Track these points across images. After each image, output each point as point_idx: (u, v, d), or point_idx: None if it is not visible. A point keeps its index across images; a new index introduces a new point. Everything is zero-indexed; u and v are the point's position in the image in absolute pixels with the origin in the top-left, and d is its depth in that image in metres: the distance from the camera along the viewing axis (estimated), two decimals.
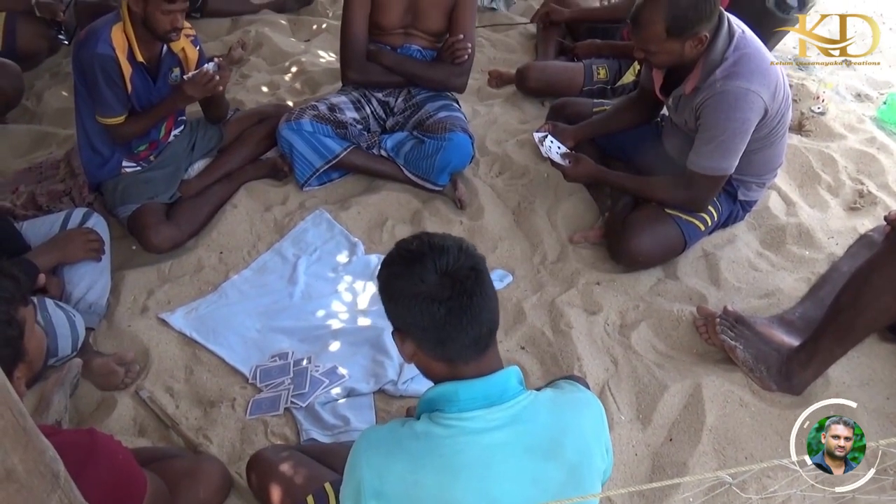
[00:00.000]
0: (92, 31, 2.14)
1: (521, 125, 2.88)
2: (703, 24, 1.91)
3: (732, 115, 1.96)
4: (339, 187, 2.57)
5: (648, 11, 1.92)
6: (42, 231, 2.06)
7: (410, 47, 2.60)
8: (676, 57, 1.99)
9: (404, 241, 1.15)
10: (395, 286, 1.12)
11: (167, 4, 2.06)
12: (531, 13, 3.68)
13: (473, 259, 1.11)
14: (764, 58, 2.00)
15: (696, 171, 2.07)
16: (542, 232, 2.39)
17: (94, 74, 2.12)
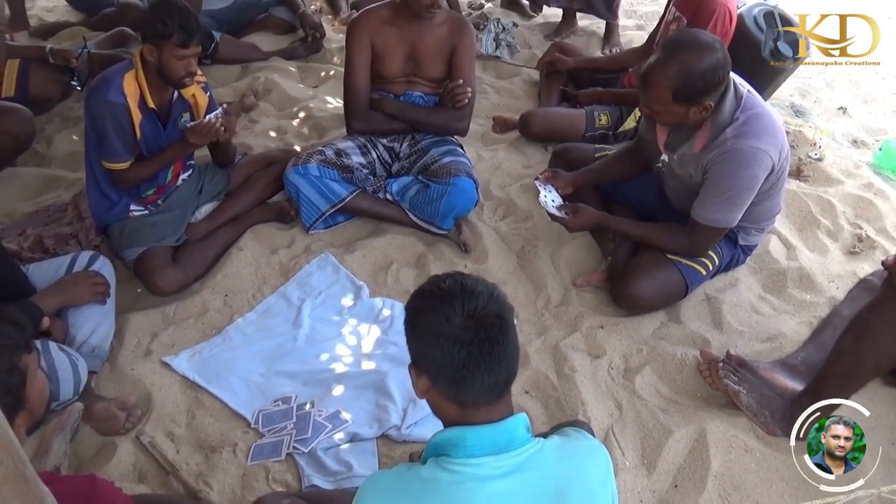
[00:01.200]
0: (104, 79, 2.19)
1: (524, 170, 2.93)
2: (710, 95, 1.93)
3: (742, 172, 1.98)
4: (345, 231, 2.60)
5: (657, 74, 1.93)
6: (48, 274, 2.07)
7: (413, 94, 2.66)
8: (680, 119, 2.00)
9: (438, 278, 1.16)
10: (421, 320, 1.12)
11: (181, 50, 2.11)
12: (534, 60, 3.75)
13: (502, 307, 1.12)
14: (771, 116, 2.04)
15: (700, 221, 2.10)
16: (546, 275, 2.41)
17: (103, 121, 2.16)
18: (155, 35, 2.10)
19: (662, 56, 1.94)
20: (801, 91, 3.76)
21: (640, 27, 4.32)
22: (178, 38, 2.09)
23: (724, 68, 1.92)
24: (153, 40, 2.12)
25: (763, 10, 3.08)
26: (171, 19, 2.08)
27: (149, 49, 2.14)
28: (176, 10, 2.10)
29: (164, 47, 2.11)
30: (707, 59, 1.89)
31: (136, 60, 2.20)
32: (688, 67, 1.89)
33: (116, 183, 2.30)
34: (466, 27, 2.63)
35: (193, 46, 2.14)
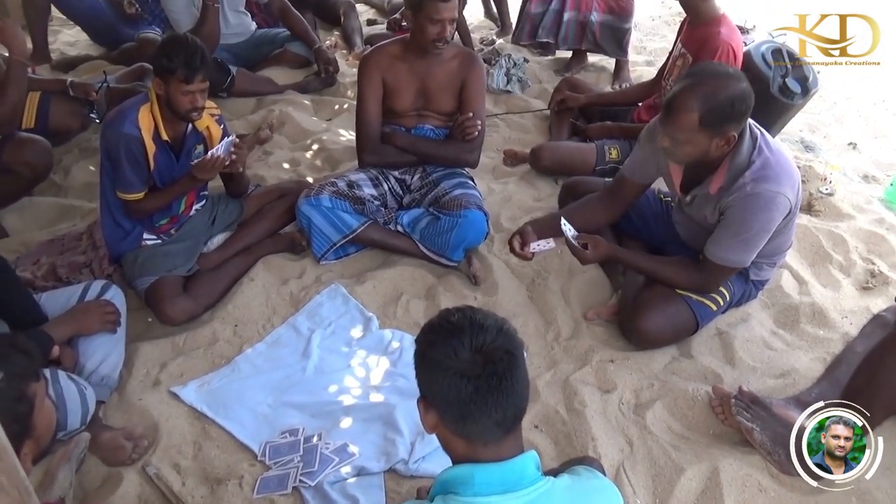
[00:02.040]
0: (120, 112, 2.25)
1: (535, 203, 2.94)
2: (734, 124, 1.92)
3: (760, 215, 1.98)
4: (356, 262, 2.61)
5: (685, 98, 1.90)
6: (60, 302, 2.09)
7: (424, 127, 2.70)
8: (701, 152, 1.97)
9: (447, 312, 1.16)
10: (429, 354, 1.12)
11: (185, 86, 2.16)
12: (545, 95, 3.80)
13: (512, 342, 1.11)
14: (787, 158, 2.04)
15: (713, 260, 2.09)
16: (556, 308, 2.40)
17: (117, 152, 2.21)
18: (161, 69, 2.17)
19: (690, 82, 1.93)
20: (811, 126, 3.77)
21: (650, 63, 4.36)
22: (181, 73, 2.14)
23: (750, 99, 1.92)
24: (160, 74, 2.18)
25: (771, 47, 3.11)
26: (177, 56, 2.13)
27: (157, 83, 2.20)
28: (183, 47, 2.15)
29: (170, 82, 2.16)
30: (734, 87, 1.90)
31: (151, 94, 2.25)
32: (716, 93, 1.88)
33: (130, 213, 2.33)
34: (476, 62, 2.67)
35: (198, 82, 2.18)
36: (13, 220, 2.81)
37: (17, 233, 2.76)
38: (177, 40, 2.20)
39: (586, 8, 3.89)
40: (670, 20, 5.15)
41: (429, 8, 2.40)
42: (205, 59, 2.19)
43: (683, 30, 3.00)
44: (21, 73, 2.58)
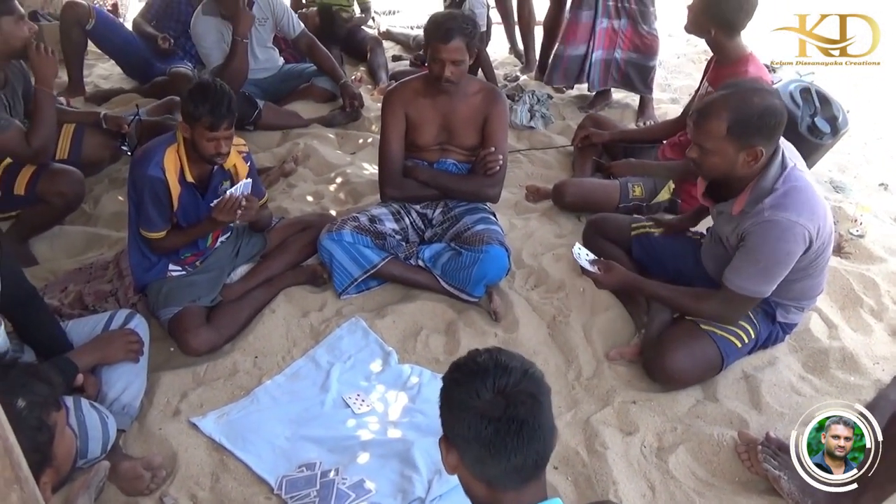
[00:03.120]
0: (147, 152, 2.28)
1: (557, 239, 2.92)
2: (762, 138, 1.92)
3: (777, 244, 1.96)
4: (377, 296, 2.61)
5: (715, 105, 1.94)
6: (85, 330, 2.11)
7: (446, 162, 2.71)
8: (727, 165, 1.97)
9: (475, 352, 1.16)
10: (452, 393, 1.12)
11: (209, 133, 2.19)
12: (568, 131, 3.81)
13: (537, 387, 1.10)
14: (813, 192, 2.01)
15: (731, 288, 2.06)
16: (578, 347, 2.37)
17: (142, 192, 2.25)
18: (187, 115, 2.20)
19: (722, 92, 1.97)
20: (840, 166, 3.72)
21: (675, 101, 4.37)
22: (206, 121, 2.17)
23: (781, 116, 1.93)
24: (186, 119, 2.22)
25: (799, 86, 3.09)
26: (203, 103, 2.16)
27: (183, 126, 2.24)
28: (210, 94, 2.17)
29: (195, 127, 2.20)
30: (766, 100, 1.92)
31: (178, 134, 2.29)
32: (746, 103, 1.90)
33: (152, 250, 2.37)
34: (499, 97, 2.69)
35: (222, 130, 2.20)
36: (43, 248, 2.86)
37: (46, 261, 2.81)
38: (204, 87, 2.21)
39: (611, 46, 3.91)
40: (696, 58, 5.16)
41: (431, 47, 2.48)
42: (231, 107, 2.21)
43: (710, 69, 3.01)
44: (47, 104, 2.63)
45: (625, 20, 3.83)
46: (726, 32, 2.77)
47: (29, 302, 2.01)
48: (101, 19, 4.05)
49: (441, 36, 2.44)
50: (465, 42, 2.46)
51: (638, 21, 3.81)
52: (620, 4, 3.77)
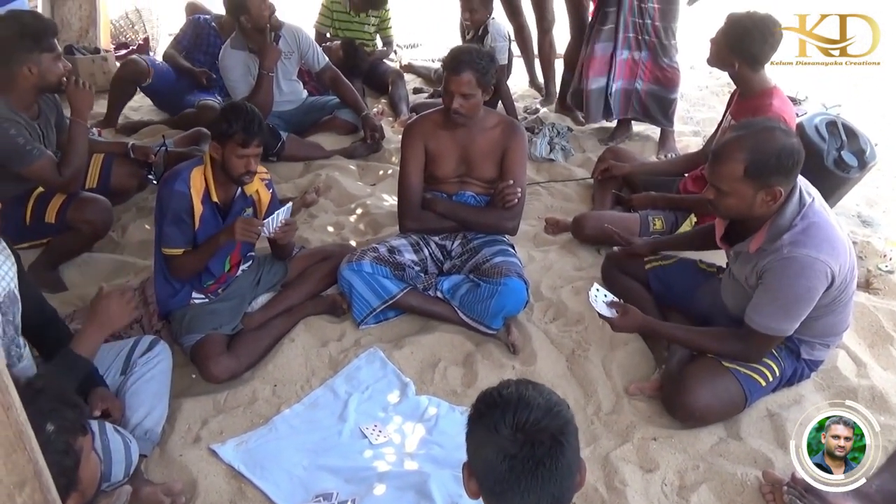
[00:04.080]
0: (175, 171, 2.38)
1: (576, 272, 2.92)
2: (780, 178, 1.91)
3: (798, 281, 1.93)
4: (395, 326, 2.62)
5: (732, 147, 1.93)
6: (110, 356, 2.14)
7: (465, 194, 2.74)
8: (745, 206, 1.96)
9: (505, 383, 1.16)
10: (475, 422, 1.12)
11: (241, 149, 2.27)
12: (588, 164, 3.82)
13: (561, 427, 1.08)
14: (833, 228, 1.99)
15: (753, 326, 2.03)
16: (597, 381, 2.35)
17: (166, 207, 2.32)
18: (219, 133, 2.28)
19: (738, 133, 1.96)
20: (869, 200, 3.67)
21: (696, 133, 4.36)
22: (239, 137, 2.25)
23: (798, 155, 1.91)
24: (217, 137, 2.30)
25: (825, 120, 3.08)
26: (236, 120, 2.25)
27: (214, 146, 2.31)
28: (242, 113, 2.27)
29: (227, 145, 2.27)
30: (782, 140, 1.90)
31: (205, 157, 2.37)
32: (763, 144, 1.89)
33: (172, 271, 2.40)
34: (518, 130, 2.71)
35: (253, 147, 2.29)
36: (72, 275, 2.92)
37: (75, 287, 2.86)
38: (237, 107, 2.32)
39: (632, 76, 3.92)
40: (718, 90, 5.16)
41: (444, 79, 2.55)
42: (262, 126, 2.31)
43: (733, 101, 3.01)
44: (81, 135, 2.73)
45: (645, 52, 3.84)
46: (750, 66, 2.78)
47: (50, 325, 2.05)
48: (156, 75, 4.21)
49: (453, 68, 2.49)
50: (477, 77, 2.49)
51: (658, 54, 3.83)
52: (641, 37, 3.79)
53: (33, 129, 2.64)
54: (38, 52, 2.52)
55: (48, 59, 2.56)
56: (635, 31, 3.78)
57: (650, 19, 3.72)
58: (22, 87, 2.56)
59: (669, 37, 3.81)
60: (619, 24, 3.76)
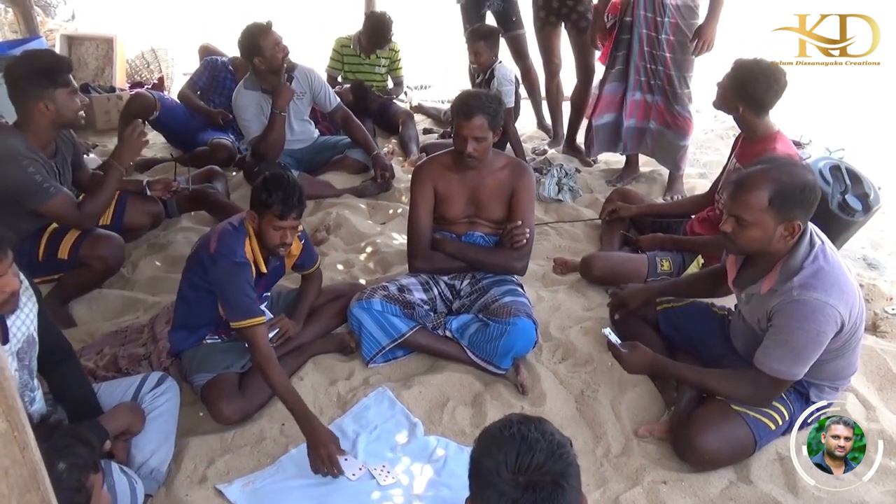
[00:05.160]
0: (228, 245, 2.28)
1: (585, 312, 2.92)
2: (801, 213, 1.93)
3: (807, 325, 1.94)
4: (404, 365, 2.62)
5: (757, 177, 1.94)
6: (117, 392, 2.15)
7: (474, 234, 2.76)
8: (765, 238, 1.96)
9: (509, 420, 1.15)
10: (478, 461, 1.11)
11: (278, 221, 2.25)
12: (596, 205, 3.86)
13: (563, 471, 1.07)
14: (843, 272, 2.00)
15: (763, 370, 2.03)
16: (606, 423, 2.34)
17: (235, 280, 2.24)
18: (258, 203, 2.26)
19: (763, 165, 1.98)
20: (874, 243, 3.69)
21: (703, 175, 4.40)
22: (277, 209, 2.23)
23: (818, 192, 1.94)
24: (256, 207, 2.28)
25: (829, 164, 3.11)
26: (276, 192, 2.22)
27: (251, 215, 2.30)
28: (283, 185, 2.23)
29: (265, 216, 2.26)
30: (805, 175, 1.94)
31: (247, 227, 2.34)
32: (788, 176, 1.92)
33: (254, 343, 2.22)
34: (526, 171, 2.75)
35: (291, 219, 2.27)
36: (82, 311, 2.94)
37: (84, 323, 2.88)
38: (276, 178, 2.26)
39: (645, 116, 3.95)
40: (723, 134, 5.23)
41: (455, 124, 2.58)
42: (302, 199, 2.28)
43: (738, 145, 3.05)
44: (114, 179, 2.81)
45: (658, 96, 3.86)
46: (755, 111, 2.82)
47: (64, 361, 2.06)
48: (164, 108, 4.30)
49: (464, 113, 2.53)
50: (488, 120, 2.54)
51: (669, 100, 3.85)
52: (653, 82, 3.82)
53: (50, 167, 2.68)
54: (52, 88, 2.56)
55: (63, 95, 2.59)
56: (646, 76, 3.82)
57: (662, 66, 3.75)
58: (39, 123, 2.60)
59: (682, 86, 3.80)
60: (630, 68, 3.81)
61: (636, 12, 3.68)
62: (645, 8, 3.65)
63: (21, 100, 2.59)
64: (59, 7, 7.11)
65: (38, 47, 4.66)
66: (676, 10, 3.61)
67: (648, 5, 3.64)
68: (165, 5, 9.68)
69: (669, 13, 3.61)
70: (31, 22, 5.38)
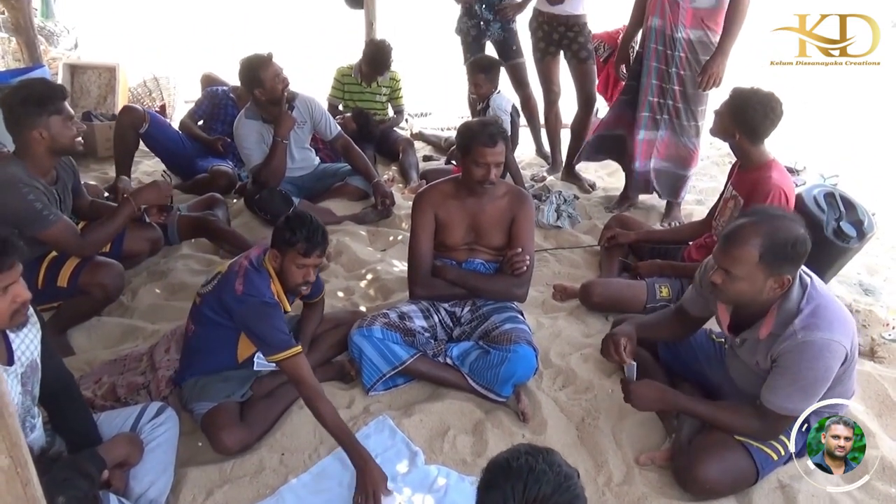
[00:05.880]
0: (256, 288, 2.27)
1: (585, 339, 2.93)
2: (791, 267, 1.94)
3: (815, 363, 1.94)
4: (404, 393, 2.61)
5: (748, 231, 1.94)
6: (116, 423, 2.14)
7: (474, 261, 2.78)
8: (754, 292, 1.97)
9: (516, 451, 1.15)
10: (485, 491, 1.11)
11: (302, 259, 2.26)
12: (595, 231, 3.88)
13: (570, 501, 1.07)
14: (838, 305, 2.02)
15: (770, 408, 2.03)
16: (607, 451, 2.33)
17: (268, 320, 2.23)
18: (282, 241, 2.27)
19: (754, 218, 1.98)
20: (870, 269, 3.71)
21: (699, 202, 4.43)
22: (301, 247, 2.24)
23: (807, 245, 1.94)
24: (279, 246, 2.28)
25: (823, 191, 3.14)
26: (300, 230, 2.23)
27: (273, 254, 2.31)
28: (307, 223, 2.25)
29: (287, 254, 2.27)
30: (795, 230, 1.94)
31: (270, 271, 2.33)
32: (778, 231, 1.92)
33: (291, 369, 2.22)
34: (526, 199, 2.78)
35: (315, 257, 2.28)
36: (81, 339, 2.93)
37: (83, 351, 2.87)
38: (300, 217, 2.27)
39: (646, 157, 3.96)
40: (719, 160, 5.28)
41: (475, 152, 2.58)
42: (325, 236, 2.30)
43: (734, 173, 3.08)
44: (124, 215, 2.85)
45: (663, 131, 3.87)
46: (750, 139, 2.86)
47: (65, 391, 2.05)
48: (153, 122, 4.31)
49: (486, 140, 2.56)
50: (506, 144, 2.62)
51: (675, 132, 3.87)
52: (659, 116, 3.84)
53: (51, 194, 2.70)
54: (46, 115, 2.57)
55: (58, 122, 2.60)
56: (652, 111, 3.83)
57: (671, 99, 3.77)
58: (36, 151, 2.61)
59: (689, 118, 3.82)
60: (639, 101, 3.84)
61: (647, 45, 3.73)
62: (656, 41, 3.69)
63: (17, 129, 2.61)
64: (63, 36, 7.20)
65: (40, 76, 4.70)
66: (688, 45, 3.64)
67: (660, 39, 3.68)
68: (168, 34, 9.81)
69: (680, 47, 3.65)
70: (34, 51, 5.43)
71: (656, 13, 3.65)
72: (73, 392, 2.08)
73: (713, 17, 3.57)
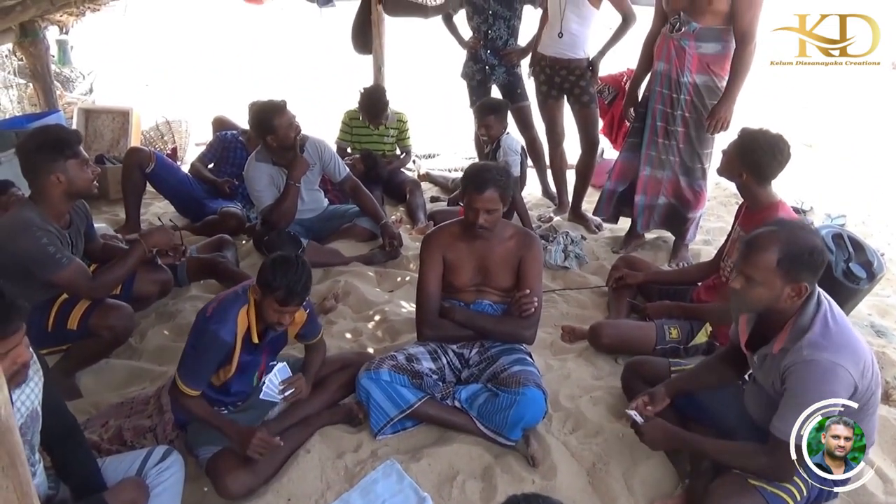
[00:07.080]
0: (224, 312, 2.30)
1: (594, 381, 2.90)
2: (808, 275, 1.97)
3: (821, 387, 1.92)
4: (412, 437, 2.58)
5: (768, 238, 1.99)
6: (122, 468, 2.11)
7: (482, 303, 2.78)
8: (771, 298, 2.00)
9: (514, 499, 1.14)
10: None
11: (278, 305, 2.26)
12: (602, 272, 3.87)
13: None
14: (852, 334, 2.01)
15: (780, 437, 2.00)
16: (619, 497, 2.29)
17: (204, 348, 2.27)
18: (263, 283, 2.26)
19: (773, 226, 2.04)
20: (881, 310, 3.68)
21: (707, 242, 4.43)
22: (280, 294, 2.23)
23: (826, 256, 1.98)
24: (260, 285, 2.28)
25: (831, 232, 3.14)
26: (282, 278, 2.21)
27: (255, 288, 2.31)
28: (290, 271, 2.22)
29: (267, 296, 2.26)
30: (813, 239, 1.98)
31: (250, 296, 2.34)
32: (798, 239, 1.97)
33: (177, 401, 2.34)
34: (534, 241, 2.79)
35: (292, 306, 2.28)
36: (89, 382, 2.93)
37: (90, 394, 2.86)
38: (286, 263, 2.25)
39: (654, 192, 3.99)
40: (725, 201, 5.29)
41: (467, 197, 2.63)
42: (307, 287, 2.28)
43: (741, 213, 3.09)
44: (137, 257, 2.88)
45: (669, 171, 3.91)
46: (757, 180, 2.88)
47: (69, 436, 2.03)
48: (160, 163, 4.37)
49: (477, 187, 2.58)
50: (499, 192, 2.60)
51: (682, 174, 3.90)
52: (664, 157, 3.87)
53: (64, 238, 2.72)
54: (63, 160, 2.61)
55: (74, 166, 2.64)
56: (657, 151, 3.87)
57: (676, 141, 3.81)
58: (52, 195, 2.65)
59: (695, 161, 3.85)
60: (643, 141, 3.89)
61: (653, 88, 3.78)
62: (661, 85, 3.74)
63: (33, 174, 2.65)
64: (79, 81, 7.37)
65: (55, 121, 4.79)
66: (693, 88, 3.68)
67: (665, 82, 3.73)
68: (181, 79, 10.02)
69: (685, 91, 3.68)
70: (50, 96, 5.55)
71: (662, 58, 3.71)
72: (77, 437, 2.07)
73: (719, 62, 3.62)
